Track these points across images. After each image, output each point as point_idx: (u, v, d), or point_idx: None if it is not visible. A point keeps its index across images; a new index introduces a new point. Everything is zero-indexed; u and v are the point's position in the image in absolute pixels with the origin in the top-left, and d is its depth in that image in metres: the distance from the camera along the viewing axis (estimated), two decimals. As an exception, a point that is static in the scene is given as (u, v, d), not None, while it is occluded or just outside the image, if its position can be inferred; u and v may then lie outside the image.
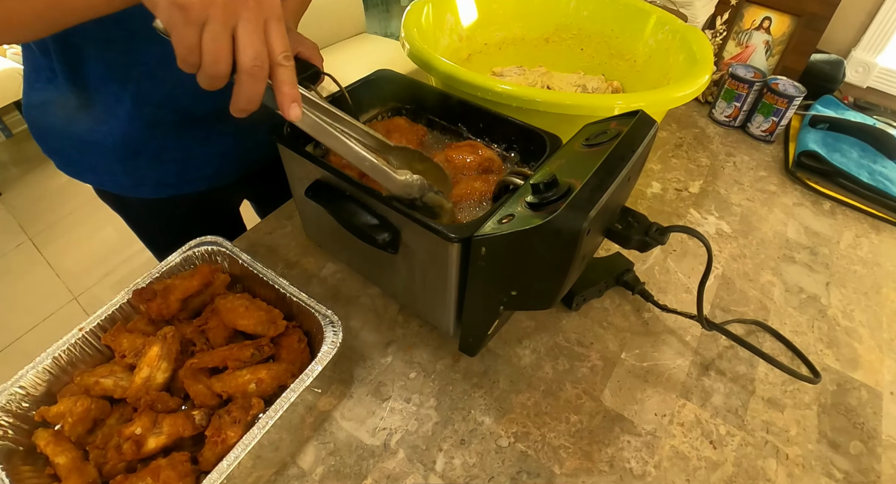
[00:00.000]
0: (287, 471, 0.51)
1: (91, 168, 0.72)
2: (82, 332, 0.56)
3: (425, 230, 0.47)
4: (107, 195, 0.79)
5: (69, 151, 0.71)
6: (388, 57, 2.18)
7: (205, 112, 0.68)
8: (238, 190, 0.90)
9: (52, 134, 0.70)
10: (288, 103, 0.41)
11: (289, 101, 0.41)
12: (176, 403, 0.53)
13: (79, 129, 0.66)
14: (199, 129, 0.70)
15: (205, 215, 0.84)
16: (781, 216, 0.85)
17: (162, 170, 0.72)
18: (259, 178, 0.84)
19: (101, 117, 0.65)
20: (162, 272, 0.61)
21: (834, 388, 0.62)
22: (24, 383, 0.52)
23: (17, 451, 0.50)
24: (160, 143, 0.69)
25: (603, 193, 0.41)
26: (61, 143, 0.70)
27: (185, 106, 0.66)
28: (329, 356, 0.52)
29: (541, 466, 0.52)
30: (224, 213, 0.91)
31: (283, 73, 0.40)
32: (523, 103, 0.65)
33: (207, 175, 0.76)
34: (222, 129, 0.72)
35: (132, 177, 0.71)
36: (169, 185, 0.74)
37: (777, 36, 1.03)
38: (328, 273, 0.70)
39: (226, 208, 0.91)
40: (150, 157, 0.70)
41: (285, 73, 0.40)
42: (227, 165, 0.77)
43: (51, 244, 2.12)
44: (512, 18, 1.01)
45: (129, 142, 0.67)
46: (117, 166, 0.70)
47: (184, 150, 0.71)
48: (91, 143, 0.67)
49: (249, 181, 0.84)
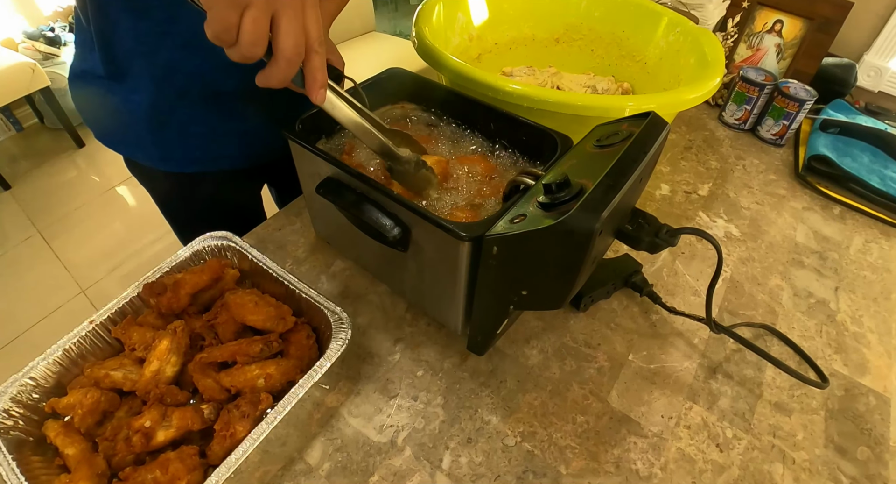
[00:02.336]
0: (294, 466, 0.52)
1: (123, 139, 0.75)
2: (93, 324, 0.56)
3: (436, 228, 0.47)
4: (136, 167, 0.81)
5: (105, 121, 0.74)
6: (397, 55, 2.18)
7: (232, 87, 0.69)
8: (261, 175, 0.93)
9: (91, 104, 0.73)
10: (317, 88, 0.44)
11: (318, 87, 0.44)
12: (185, 397, 0.53)
13: (113, 100, 0.69)
14: (225, 104, 0.71)
15: (227, 196, 0.87)
16: (791, 220, 0.84)
17: (188, 144, 0.74)
18: (281, 165, 0.85)
19: (133, 87, 0.67)
20: (172, 267, 0.61)
21: (842, 393, 0.61)
22: (34, 374, 0.53)
23: (27, 441, 0.50)
24: (187, 114, 0.71)
25: (615, 194, 0.41)
26: (98, 112, 0.74)
27: (214, 79, 0.68)
28: (337, 353, 0.52)
29: (547, 466, 0.52)
30: (245, 195, 0.94)
31: (316, 60, 0.42)
32: (534, 103, 0.65)
33: (231, 154, 0.78)
34: (248, 106, 0.73)
35: (160, 148, 0.74)
36: (194, 160, 0.76)
37: (789, 39, 1.03)
38: (337, 270, 0.70)
39: (247, 191, 0.94)
40: (177, 129, 0.72)
41: (318, 59, 0.42)
42: (250, 146, 0.79)
43: (59, 237, 2.14)
44: (522, 18, 1.01)
45: (157, 112, 0.69)
46: (146, 137, 0.72)
47: (209, 125, 0.73)
48: (123, 113, 0.70)
49: (272, 167, 0.86)
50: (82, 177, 2.48)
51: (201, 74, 0.67)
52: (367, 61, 2.12)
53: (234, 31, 0.38)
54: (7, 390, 0.51)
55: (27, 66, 2.23)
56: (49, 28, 2.61)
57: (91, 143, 2.65)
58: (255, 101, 0.72)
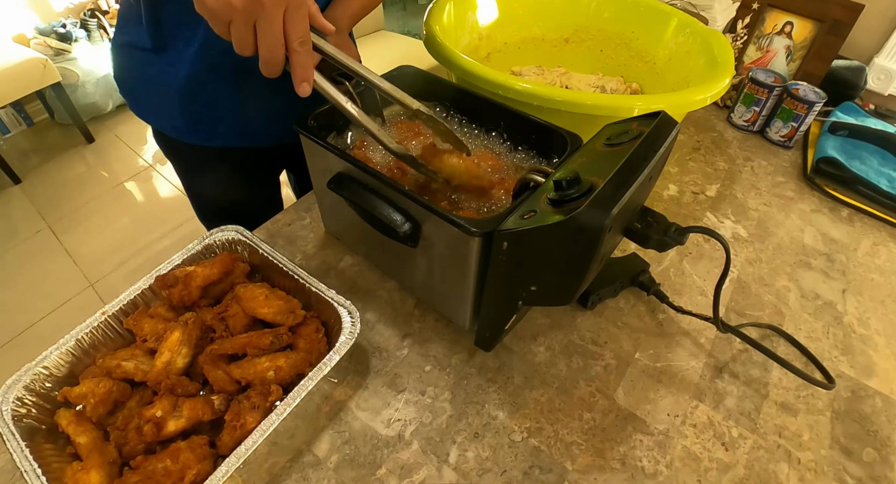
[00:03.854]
0: (302, 458, 0.52)
1: (154, 110, 0.79)
2: (105, 315, 0.57)
3: (447, 224, 0.47)
4: (163, 139, 0.84)
5: (139, 92, 0.78)
6: (406, 54, 2.19)
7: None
8: (283, 158, 0.95)
9: (129, 75, 0.77)
10: (298, 83, 0.50)
11: (299, 81, 0.50)
12: (195, 388, 0.54)
13: (151, 71, 0.73)
14: (253, 83, 0.73)
15: (248, 174, 0.91)
16: (798, 222, 0.84)
17: (216, 117, 0.77)
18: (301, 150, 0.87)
19: (171, 59, 0.71)
20: (184, 259, 0.62)
21: (848, 395, 0.61)
22: (47, 364, 0.54)
23: (39, 429, 0.51)
24: (217, 89, 0.74)
25: (625, 192, 0.41)
26: (134, 84, 0.78)
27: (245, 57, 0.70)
28: (347, 346, 0.53)
29: (553, 462, 0.53)
30: (265, 177, 0.97)
31: (296, 58, 0.48)
32: (543, 102, 0.65)
33: (256, 131, 0.81)
34: (274, 87, 0.74)
35: (188, 120, 0.77)
36: (219, 134, 0.80)
37: (798, 41, 1.03)
38: (346, 266, 0.71)
39: (267, 173, 0.97)
40: (206, 102, 0.75)
41: (298, 57, 0.48)
42: (275, 125, 0.82)
43: (69, 232, 2.16)
44: (532, 18, 1.01)
45: (191, 84, 0.73)
46: (177, 108, 0.76)
47: (237, 100, 0.76)
48: (158, 84, 0.74)
49: (292, 151, 0.87)
50: (91, 172, 2.50)
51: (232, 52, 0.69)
52: (376, 59, 2.13)
53: (228, 36, 0.46)
54: (21, 379, 0.52)
55: (39, 61, 2.25)
56: (60, 24, 2.63)
57: (100, 138, 2.67)
58: (282, 82, 0.73)
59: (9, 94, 2.24)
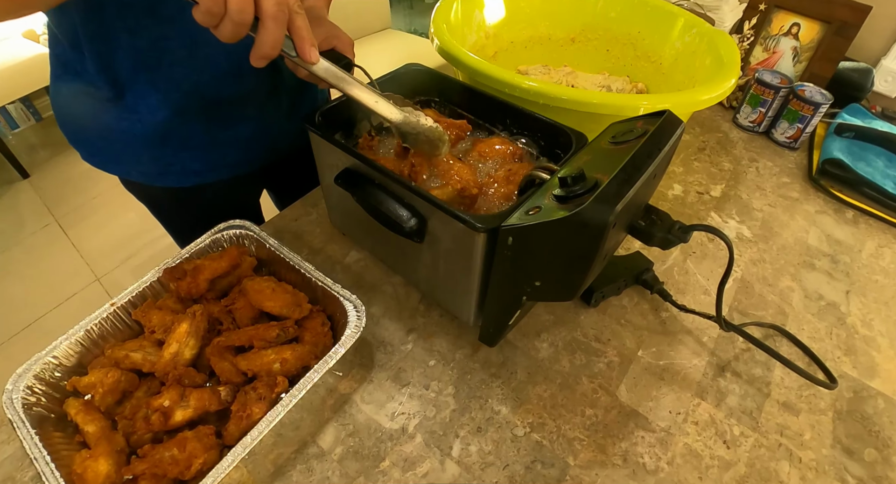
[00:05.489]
0: (307, 450, 0.53)
1: (116, 158, 0.72)
2: (114, 306, 0.58)
3: (452, 219, 0.48)
4: (132, 185, 0.80)
5: (95, 142, 0.71)
6: (412, 52, 2.20)
7: (230, 94, 0.69)
8: (260, 180, 0.92)
9: (79, 125, 0.71)
10: (307, 47, 0.45)
11: (307, 45, 0.45)
12: (202, 379, 0.54)
13: (106, 119, 0.67)
14: (224, 113, 0.71)
15: (227, 205, 0.83)
16: (803, 223, 0.84)
17: (188, 157, 0.73)
18: (281, 168, 0.86)
19: (131, 106, 0.66)
20: (192, 253, 0.62)
21: (850, 395, 0.62)
22: (57, 353, 0.54)
23: (48, 418, 0.52)
24: (188, 129, 0.70)
25: (629, 188, 0.42)
26: (87, 133, 0.71)
27: (212, 91, 0.67)
28: (352, 340, 0.54)
29: (555, 457, 0.53)
30: (245, 203, 0.93)
31: (299, 20, 0.44)
32: (549, 100, 0.66)
33: (231, 163, 0.77)
34: (247, 113, 0.73)
35: (158, 164, 0.72)
36: (194, 172, 0.75)
37: (805, 42, 1.03)
38: (352, 261, 0.71)
39: (247, 199, 0.93)
40: (178, 144, 0.71)
41: (300, 20, 0.44)
42: (251, 152, 0.78)
43: (76, 226, 2.17)
44: (539, 17, 1.02)
45: (158, 129, 0.68)
46: (144, 154, 0.71)
47: (210, 135, 0.72)
48: (119, 131, 0.68)
49: (271, 171, 0.86)
50: (99, 168, 2.51)
51: (198, 86, 0.66)
52: (383, 57, 2.13)
53: (223, 3, 0.40)
54: (31, 368, 0.52)
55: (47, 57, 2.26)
56: (69, 20, 2.64)
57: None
58: (253, 106, 0.72)
59: (18, 90, 2.26)
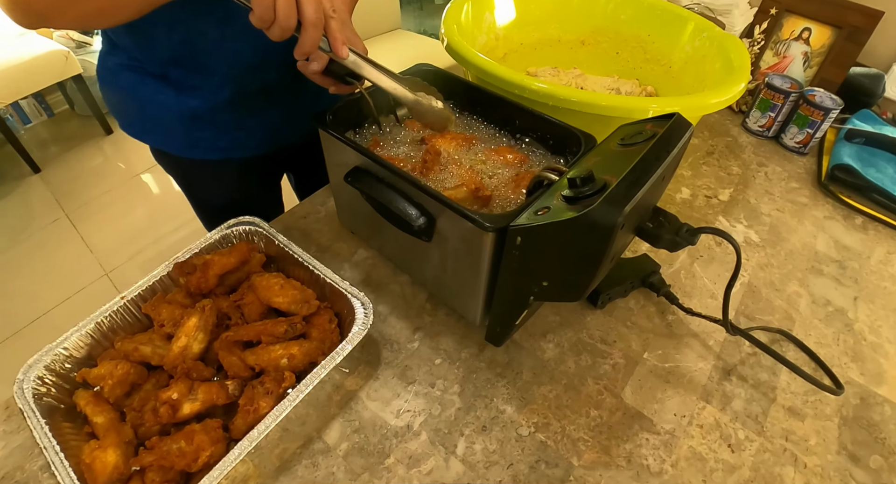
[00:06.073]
0: (313, 445, 0.53)
1: (151, 130, 0.78)
2: (124, 300, 0.59)
3: (462, 218, 0.48)
4: (162, 155, 0.84)
5: (134, 113, 0.77)
6: (422, 53, 2.20)
7: (257, 85, 0.74)
8: (282, 161, 0.96)
9: (120, 97, 0.77)
10: (339, 45, 0.54)
11: (339, 44, 0.54)
12: (210, 373, 0.55)
13: (145, 93, 0.73)
14: (251, 102, 0.75)
15: (250, 181, 0.91)
16: (811, 228, 0.84)
17: (216, 133, 0.78)
18: (301, 153, 0.91)
19: (167, 86, 0.72)
20: (202, 248, 0.63)
21: (857, 401, 0.61)
22: (67, 345, 0.55)
23: (58, 408, 0.53)
24: (217, 114, 0.75)
25: (638, 190, 0.42)
26: (127, 105, 0.77)
27: (240, 82, 0.72)
28: (359, 337, 0.54)
29: (559, 457, 0.53)
30: (267, 182, 0.97)
31: (334, 23, 0.52)
32: (559, 102, 0.66)
33: (257, 142, 0.82)
34: (272, 102, 0.78)
35: (189, 138, 0.77)
36: (220, 148, 0.80)
37: (816, 47, 1.02)
38: (360, 259, 0.72)
39: (269, 178, 0.98)
40: (206, 122, 0.76)
41: (334, 23, 0.52)
42: (275, 134, 0.83)
43: (86, 221, 2.19)
44: (549, 19, 1.02)
45: (190, 110, 0.74)
46: (177, 128, 0.76)
47: (237, 120, 0.77)
48: (154, 105, 0.73)
49: (293, 153, 0.91)
50: (109, 163, 2.54)
51: (227, 78, 0.71)
52: (393, 57, 2.14)
53: (272, 11, 0.48)
54: (42, 359, 0.53)
55: (61, 53, 2.28)
56: (82, 17, 2.67)
57: (119, 131, 2.70)
58: (278, 95, 0.78)
59: (31, 85, 2.28)
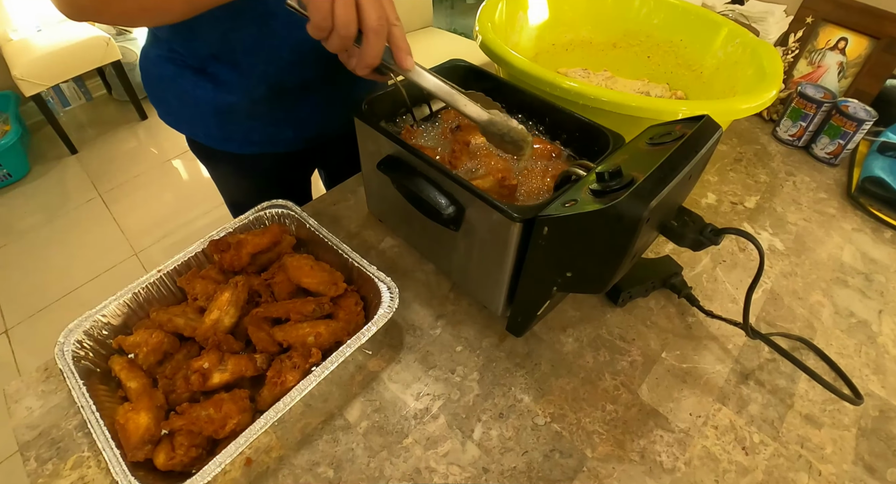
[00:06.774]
0: (334, 421, 0.55)
1: (188, 120, 0.80)
2: (160, 273, 0.61)
3: (490, 209, 0.49)
4: (197, 146, 0.86)
5: (172, 103, 0.79)
6: (453, 50, 2.23)
7: (293, 83, 0.75)
8: (313, 157, 0.98)
9: (159, 87, 0.79)
10: (404, 55, 0.52)
11: (404, 54, 0.52)
12: (239, 347, 0.57)
13: (184, 85, 0.74)
14: (287, 98, 0.77)
15: (281, 176, 0.93)
16: (838, 240, 0.83)
17: (250, 128, 0.79)
18: (333, 148, 0.93)
19: (206, 80, 0.73)
20: (236, 228, 0.65)
21: (876, 413, 0.61)
22: (106, 313, 0.58)
23: (94, 372, 0.55)
24: (253, 109, 0.76)
25: (664, 187, 0.43)
26: (165, 95, 0.79)
27: (277, 79, 0.74)
28: (384, 320, 0.56)
29: (574, 448, 0.54)
30: (297, 177, 1.00)
31: (397, 31, 0.50)
32: (589, 101, 0.67)
33: (289, 139, 0.84)
34: (308, 98, 0.79)
35: (223, 130, 0.79)
36: (254, 143, 0.82)
37: (852, 58, 1.01)
38: (386, 246, 0.73)
39: (299, 173, 1.00)
40: (243, 117, 0.77)
41: (398, 31, 0.50)
42: (308, 132, 0.84)
43: (118, 202, 2.26)
44: (582, 21, 1.02)
45: (227, 104, 0.75)
46: (212, 121, 0.78)
47: (272, 116, 0.79)
48: (192, 97, 0.75)
49: (324, 150, 0.93)
50: (142, 147, 2.61)
51: (265, 75, 0.73)
52: (425, 54, 2.17)
53: (330, 18, 0.47)
54: (81, 324, 0.56)
55: (102, 39, 2.35)
56: (124, 5, 2.74)
57: (153, 116, 2.78)
58: (313, 92, 0.79)
59: (72, 69, 2.35)
